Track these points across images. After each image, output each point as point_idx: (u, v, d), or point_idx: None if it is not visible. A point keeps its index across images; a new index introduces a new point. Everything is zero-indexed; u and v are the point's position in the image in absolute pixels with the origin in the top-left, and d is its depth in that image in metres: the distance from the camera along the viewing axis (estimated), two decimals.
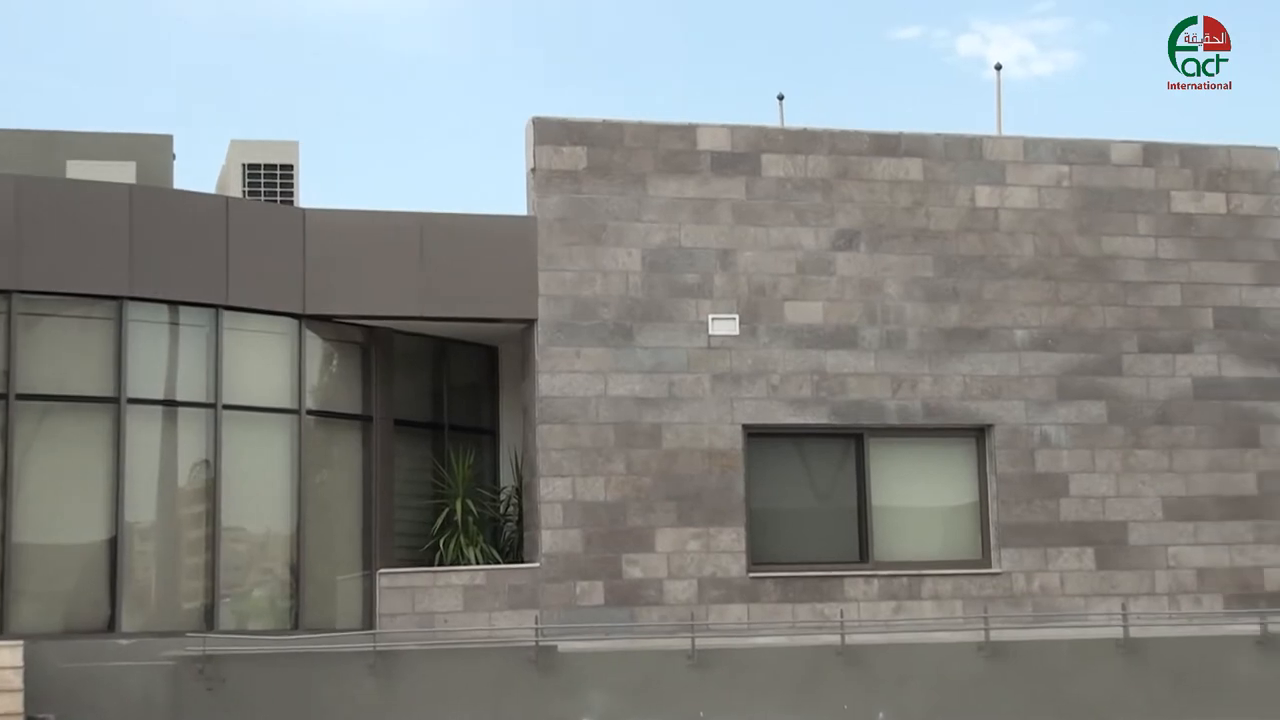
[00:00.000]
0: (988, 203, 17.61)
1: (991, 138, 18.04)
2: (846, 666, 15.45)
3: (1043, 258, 17.63)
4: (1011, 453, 17.32)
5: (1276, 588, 17.54)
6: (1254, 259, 18.12)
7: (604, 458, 16.39)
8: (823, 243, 17.17)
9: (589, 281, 16.64)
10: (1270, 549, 17.63)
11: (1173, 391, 17.73)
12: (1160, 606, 17.26)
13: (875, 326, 17.16)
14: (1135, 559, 17.38)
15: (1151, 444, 17.63)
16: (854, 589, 16.69)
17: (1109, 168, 17.97)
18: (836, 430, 17.14)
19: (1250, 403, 17.82)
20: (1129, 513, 17.46)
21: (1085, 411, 17.52)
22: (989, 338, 17.41)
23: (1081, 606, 17.07)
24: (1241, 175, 18.23)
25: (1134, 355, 17.71)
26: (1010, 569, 17.10)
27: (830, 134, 17.41)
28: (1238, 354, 17.89)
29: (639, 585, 16.28)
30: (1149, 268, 17.87)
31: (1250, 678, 16.08)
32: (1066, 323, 17.60)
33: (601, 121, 17.00)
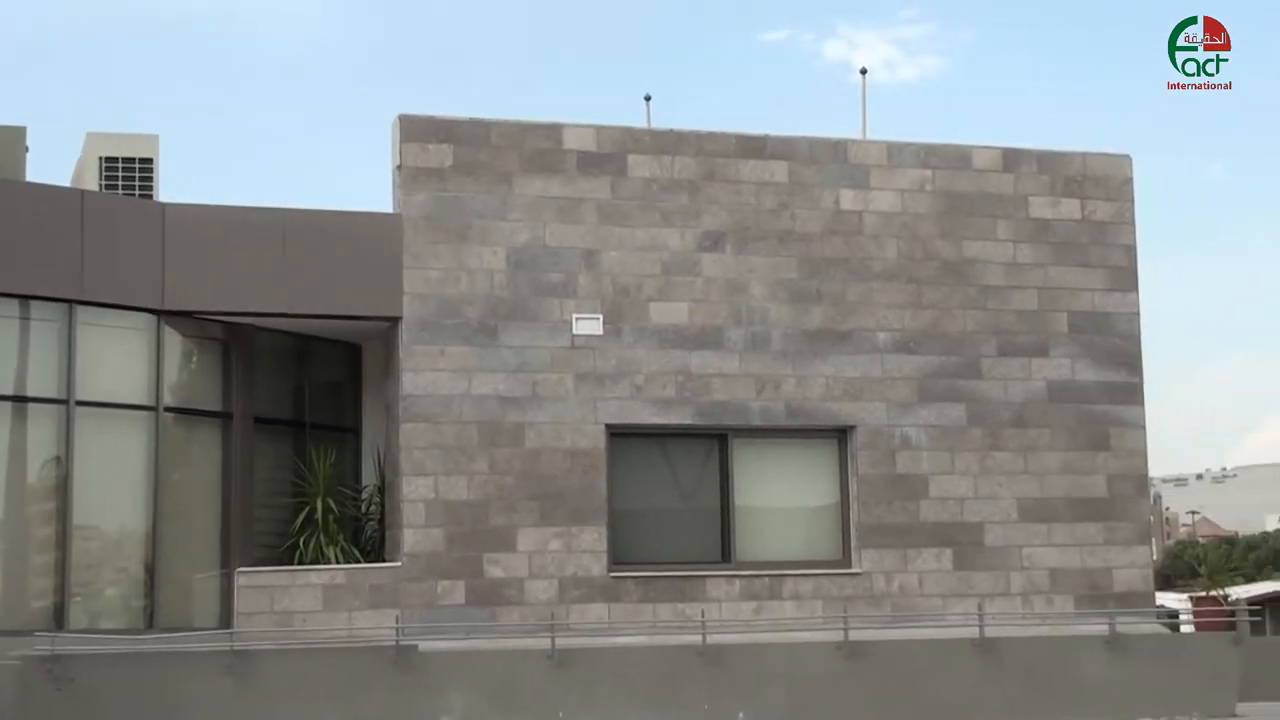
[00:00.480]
0: (852, 206, 17.78)
1: (856, 141, 18.21)
2: (707, 666, 15.52)
3: (905, 261, 17.83)
4: (873, 454, 17.50)
5: (1125, 588, 17.88)
6: (1107, 265, 18.45)
7: (467, 457, 16.33)
8: (688, 244, 17.23)
9: (454, 280, 16.56)
10: (1119, 550, 17.97)
11: (1028, 394, 18.00)
12: (1015, 606, 17.52)
13: (740, 328, 17.25)
14: (991, 560, 17.62)
15: (1008, 446, 17.89)
16: (715, 589, 16.77)
17: (970, 173, 18.21)
18: (700, 430, 17.21)
19: (1101, 406, 18.15)
20: (986, 514, 17.71)
21: (945, 414, 17.74)
22: (852, 340, 17.57)
23: (939, 606, 17.27)
24: (1096, 182, 18.55)
25: (992, 358, 17.96)
26: (870, 569, 17.28)
27: (696, 135, 17.48)
28: (1090, 358, 18.21)
29: (500, 585, 16.23)
30: (1007, 272, 18.14)
31: (1099, 677, 16.40)
32: (928, 326, 17.81)
33: (468, 119, 16.94)
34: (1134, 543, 18.11)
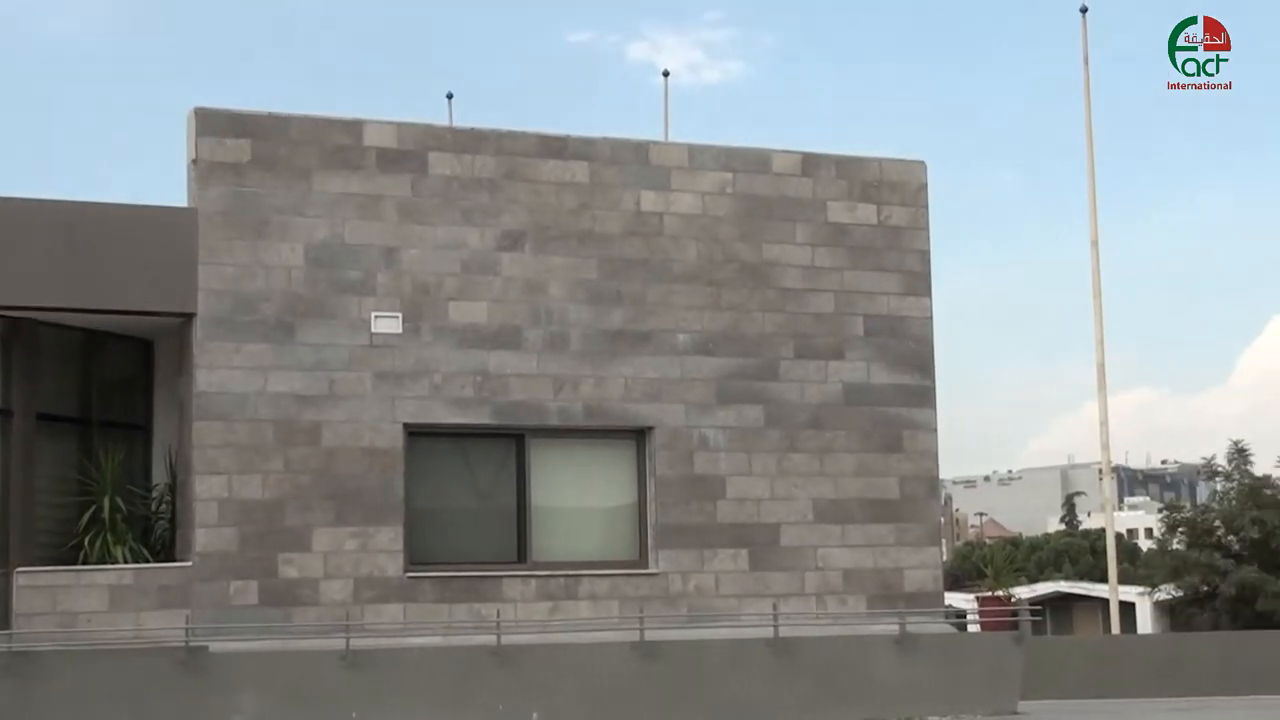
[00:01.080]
0: (653, 207, 17.85)
1: (658, 143, 18.30)
2: (502, 667, 15.49)
3: (705, 263, 17.96)
4: (671, 455, 17.60)
5: (915, 588, 18.22)
6: (902, 269, 18.79)
7: (262, 456, 16.07)
8: (488, 243, 17.17)
9: (250, 276, 16.29)
10: (910, 551, 18.31)
11: (825, 397, 18.25)
12: (809, 606, 17.74)
13: (539, 328, 17.23)
14: (787, 560, 17.83)
15: (805, 448, 18.11)
16: (511, 589, 16.72)
17: (769, 176, 18.40)
18: (498, 430, 17.16)
19: (895, 409, 18.47)
20: (782, 515, 17.90)
21: (743, 415, 17.91)
22: (651, 341, 17.65)
23: (735, 607, 17.42)
24: (892, 187, 18.88)
25: (790, 361, 18.17)
26: (667, 570, 17.37)
27: (497, 134, 17.42)
28: (885, 361, 18.53)
29: (294, 585, 16.00)
30: (805, 275, 18.36)
31: (889, 675, 16.72)
32: (727, 328, 17.96)
33: (266, 114, 16.67)
34: (924, 544, 18.47)
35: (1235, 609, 36.11)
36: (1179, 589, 38.61)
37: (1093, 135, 29.80)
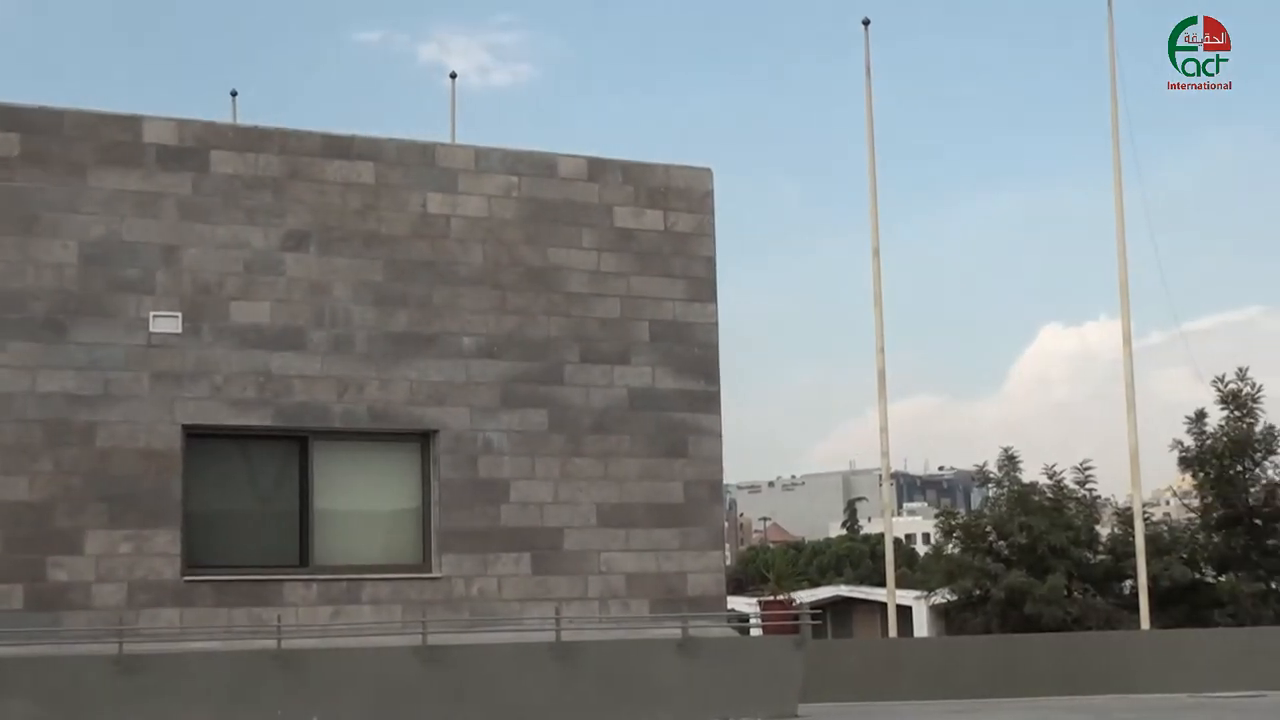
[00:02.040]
0: (439, 210, 17.76)
1: (444, 145, 18.22)
2: (282, 671, 15.26)
3: (491, 266, 17.92)
4: (455, 458, 17.51)
5: (698, 593, 18.38)
6: (688, 275, 18.94)
7: (29, 456, 15.62)
8: (272, 243, 16.91)
9: (19, 273, 15.82)
10: (693, 555, 18.46)
11: (610, 401, 18.32)
12: (592, 610, 17.79)
13: (323, 329, 17.02)
14: (570, 564, 17.86)
15: (589, 452, 18.16)
16: (292, 593, 16.48)
17: (556, 181, 18.43)
18: (280, 432, 16.90)
19: (680, 414, 18.62)
20: (566, 519, 17.93)
21: (528, 419, 17.89)
22: (437, 344, 17.54)
23: (518, 611, 17.40)
24: (679, 194, 19.03)
25: (575, 365, 18.21)
26: (450, 574, 17.28)
27: (282, 133, 17.17)
28: (670, 366, 18.66)
29: (65, 589, 15.57)
30: (591, 280, 18.42)
31: (671, 679, 16.82)
32: (512, 331, 17.93)
33: (38, 108, 16.23)
34: (708, 548, 18.63)
35: (1005, 612, 36.97)
36: (953, 593, 39.44)
37: (874, 145, 30.37)
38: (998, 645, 28.42)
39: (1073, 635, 31.62)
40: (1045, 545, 37.64)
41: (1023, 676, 24.82)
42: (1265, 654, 25.61)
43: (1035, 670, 25.05)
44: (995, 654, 26.46)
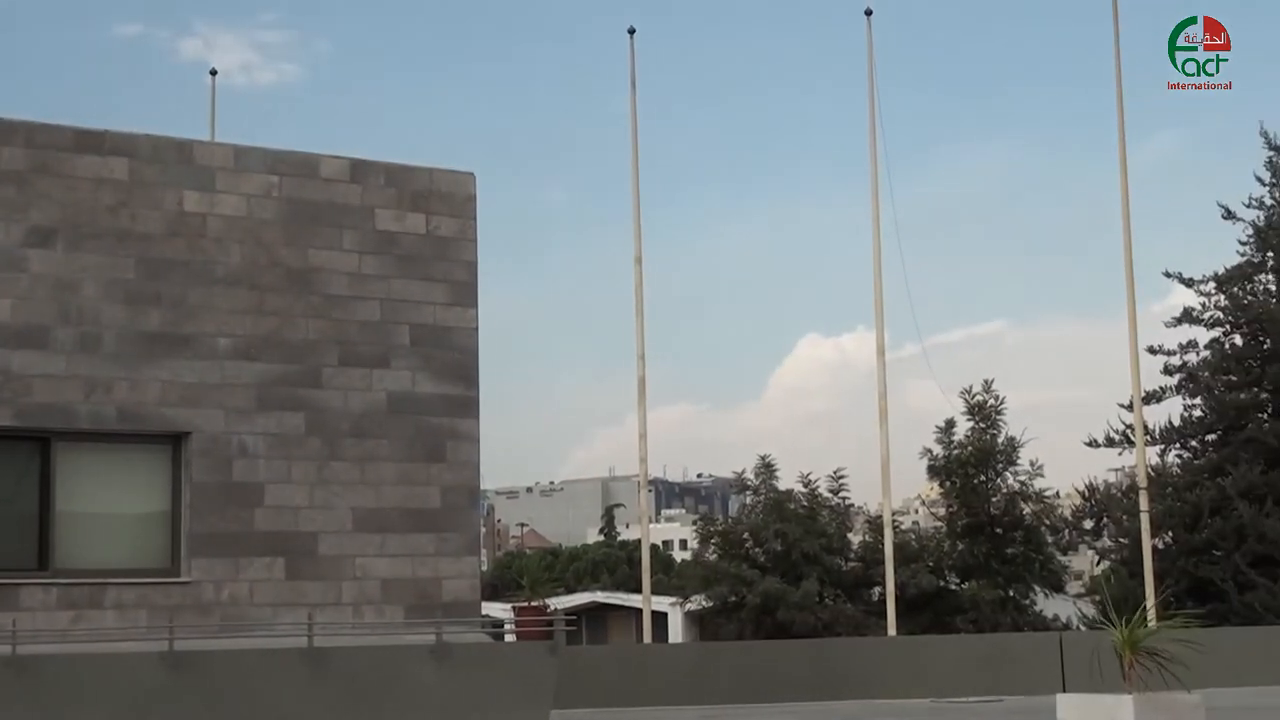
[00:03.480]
0: (196, 208, 17.39)
1: (203, 143, 17.86)
2: (17, 678, 14.75)
3: (249, 267, 17.60)
4: (208, 461, 17.16)
5: (453, 598, 18.29)
6: (449, 279, 18.85)
7: None
8: (15, 238, 16.36)
9: None
10: (449, 561, 18.38)
11: (368, 405, 18.14)
12: (346, 616, 17.59)
13: (69, 327, 16.53)
14: (324, 569, 17.63)
15: (346, 456, 17.95)
16: (30, 597, 15.97)
17: (318, 181, 18.18)
18: (20, 433, 16.36)
19: (438, 419, 18.51)
20: (321, 523, 17.69)
21: (284, 422, 17.62)
22: (191, 344, 17.17)
23: (270, 616, 17.11)
24: (441, 197, 18.93)
25: (334, 368, 17.99)
26: (200, 578, 16.92)
27: (28, 126, 16.64)
28: (430, 371, 18.55)
29: None
30: (351, 282, 18.22)
31: (425, 685, 16.69)
32: (270, 333, 17.63)
33: None
34: (464, 553, 18.56)
35: (759, 618, 37.62)
36: (709, 599, 39.97)
37: (638, 154, 30.67)
38: (751, 651, 28.86)
39: (823, 641, 32.28)
40: (799, 552, 38.42)
41: (775, 682, 25.23)
42: (1003, 659, 26.46)
43: (787, 676, 25.48)
44: (748, 660, 26.86)
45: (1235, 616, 36.90)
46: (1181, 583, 38.13)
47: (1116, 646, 12.57)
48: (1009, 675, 25.46)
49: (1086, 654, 13.86)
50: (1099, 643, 13.26)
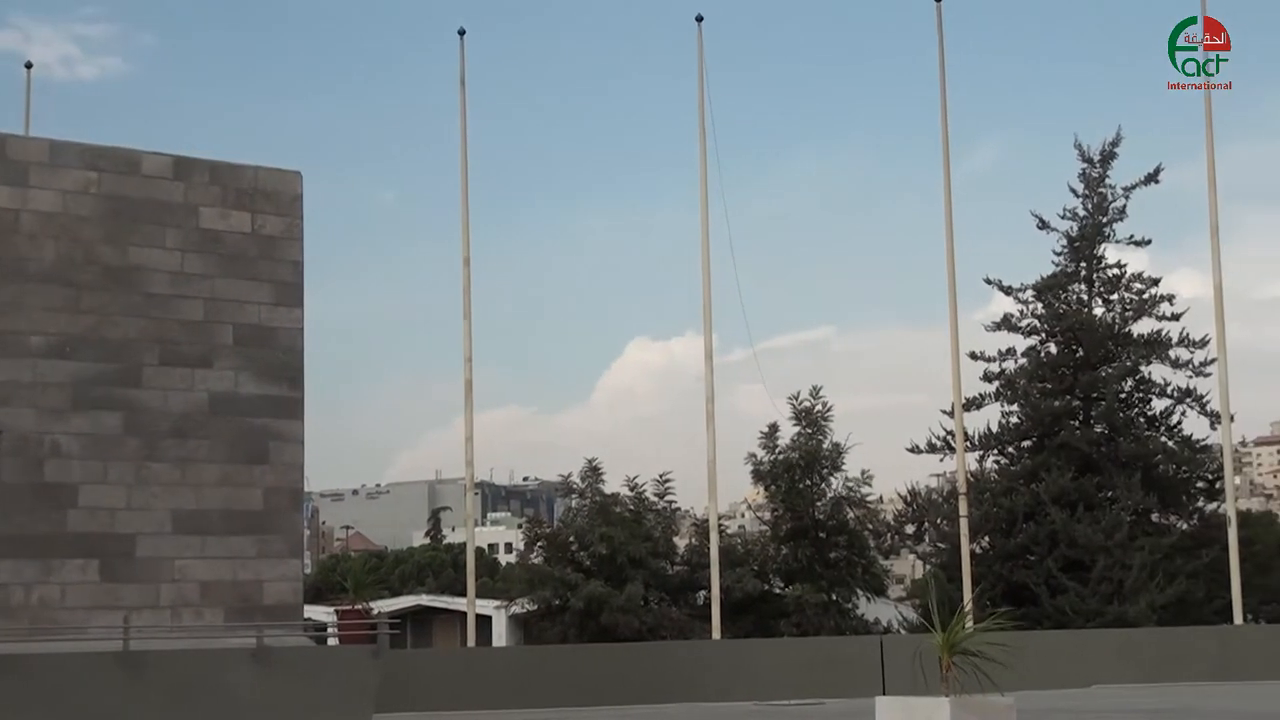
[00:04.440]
0: (8, 204, 16.97)
1: (16, 138, 17.43)
2: None
3: (65, 264, 17.21)
4: (19, 461, 16.74)
5: (275, 601, 18.06)
6: (274, 279, 18.61)
7: None
8: None
9: None
10: (271, 563, 18.14)
11: (190, 405, 17.83)
12: (164, 619, 17.27)
13: None
14: (142, 572, 17.29)
15: (166, 457, 17.63)
16: None
17: (139, 178, 17.84)
18: None
19: (262, 420, 18.26)
20: (139, 525, 17.36)
21: (101, 422, 17.25)
22: (2, 343, 16.73)
23: (83, 619, 16.74)
24: (267, 196, 18.68)
25: (154, 368, 17.66)
26: (7, 581, 16.49)
27: None
28: (253, 371, 18.29)
29: None
30: (174, 281, 17.89)
31: (246, 689, 16.45)
32: (87, 331, 17.26)
33: None
34: (286, 556, 18.34)
35: (583, 622, 37.62)
36: (533, 602, 39.89)
37: (467, 155, 30.49)
38: (575, 654, 28.86)
39: (648, 645, 32.37)
40: (625, 556, 38.48)
41: (599, 685, 25.25)
42: (826, 663, 26.76)
43: (612, 679, 25.52)
44: (572, 663, 26.85)
45: (1047, 620, 37.73)
46: (998, 587, 38.97)
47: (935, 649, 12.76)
48: (831, 678, 25.74)
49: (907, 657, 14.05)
50: (919, 646, 13.45)
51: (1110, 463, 41.23)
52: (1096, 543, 38.93)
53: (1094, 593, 38.44)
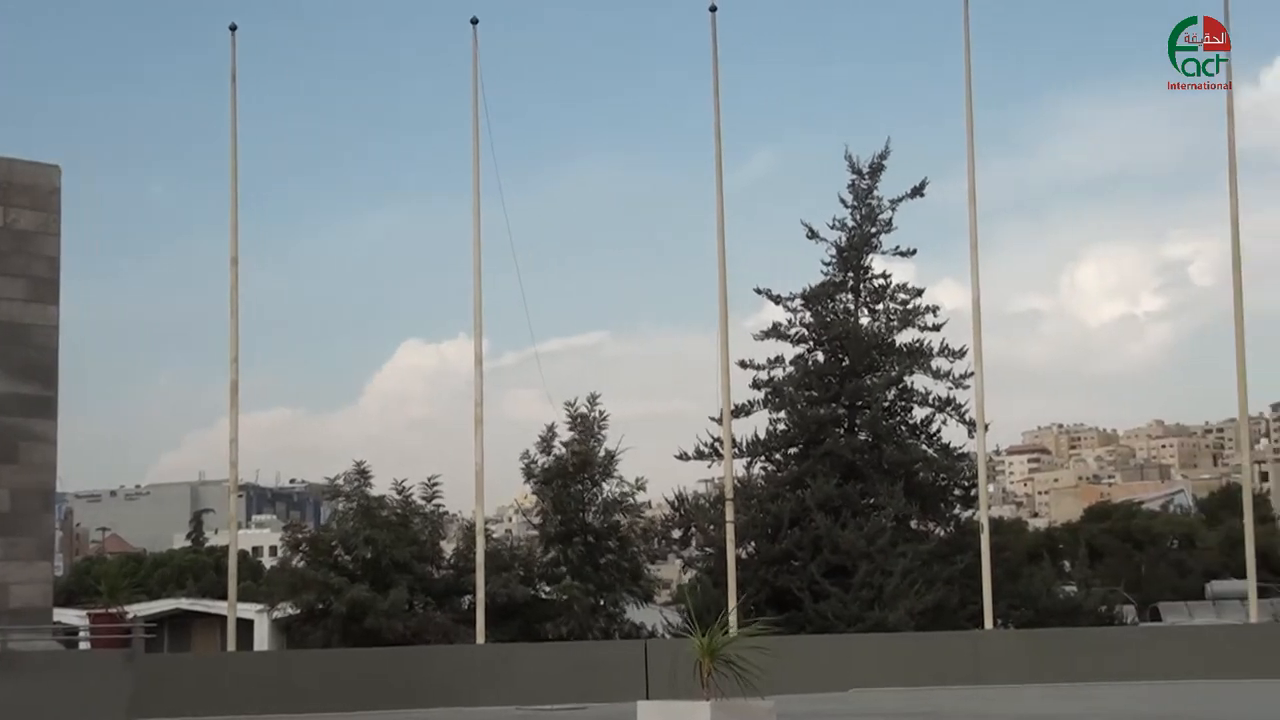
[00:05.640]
0: None
1: None
2: None
3: None
4: None
5: (22, 604, 17.51)
6: (28, 275, 18.04)
7: None
8: None
9: None
10: (19, 566, 17.60)
11: None
12: None
13: None
14: None
15: None
16: None
17: None
18: None
19: (12, 419, 17.69)
20: None
21: None
22: None
23: None
24: (22, 190, 18.09)
25: None
26: None
27: None
28: (4, 369, 17.71)
29: None
30: None
31: None
32: None
33: None
34: (36, 558, 17.79)
35: (347, 626, 37.13)
36: (296, 606, 39.25)
37: (237, 151, 29.84)
38: (337, 659, 28.51)
39: (411, 649, 32.11)
40: (390, 559, 38.10)
41: (363, 690, 24.99)
42: (591, 667, 26.83)
43: (374, 684, 25.26)
44: (335, 667, 26.54)
45: (810, 625, 38.29)
46: (762, 592, 39.40)
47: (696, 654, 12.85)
48: (597, 683, 25.79)
49: (671, 662, 14.14)
50: (682, 651, 13.54)
51: (874, 470, 41.99)
52: (859, 549, 39.60)
53: (855, 598, 39.09)
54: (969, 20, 29.87)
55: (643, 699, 16.82)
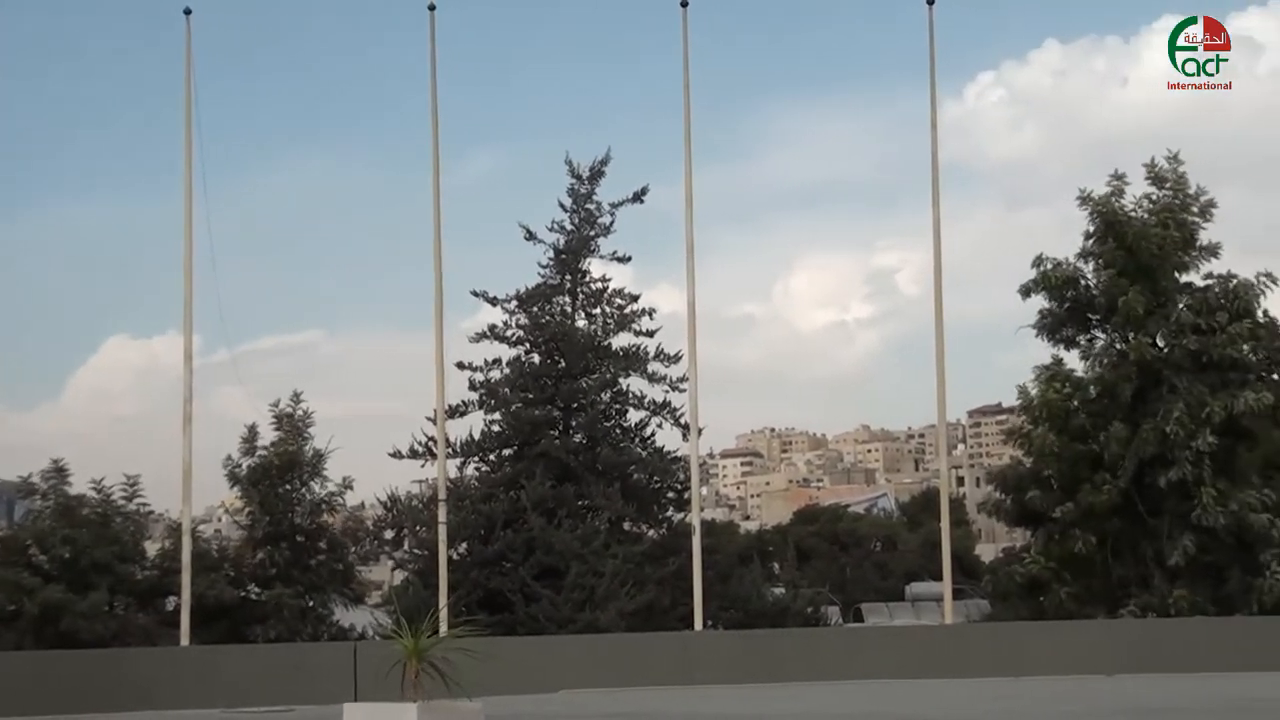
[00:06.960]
0: None
1: None
2: None
3: None
4: None
5: None
6: None
7: None
8: None
9: None
10: None
11: None
12: None
13: None
14: None
15: None
16: None
17: None
18: None
19: None
20: None
21: None
22: None
23: None
24: None
25: None
26: None
27: None
28: None
29: None
30: None
31: None
32: None
33: None
34: None
35: (40, 629, 35.95)
36: None
37: None
38: (29, 661, 27.70)
39: (109, 652, 31.30)
40: (89, 560, 36.99)
41: (56, 694, 24.32)
42: (299, 669, 26.50)
43: (69, 688, 24.60)
44: (27, 671, 25.76)
45: (522, 627, 38.35)
46: (474, 594, 39.35)
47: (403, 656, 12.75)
48: (305, 685, 25.43)
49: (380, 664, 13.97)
50: (391, 653, 13.41)
51: (589, 472, 42.29)
52: (572, 550, 39.82)
53: (567, 600, 39.29)
54: (687, 26, 30.46)
55: (351, 701, 16.60)
